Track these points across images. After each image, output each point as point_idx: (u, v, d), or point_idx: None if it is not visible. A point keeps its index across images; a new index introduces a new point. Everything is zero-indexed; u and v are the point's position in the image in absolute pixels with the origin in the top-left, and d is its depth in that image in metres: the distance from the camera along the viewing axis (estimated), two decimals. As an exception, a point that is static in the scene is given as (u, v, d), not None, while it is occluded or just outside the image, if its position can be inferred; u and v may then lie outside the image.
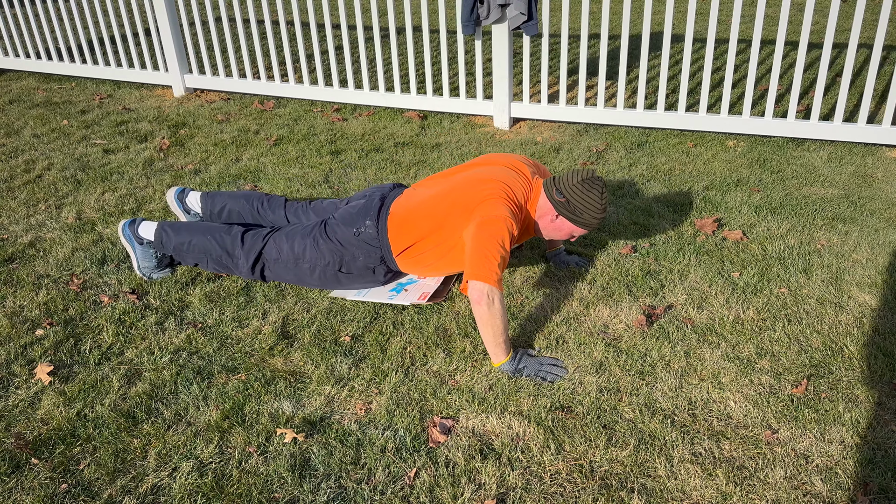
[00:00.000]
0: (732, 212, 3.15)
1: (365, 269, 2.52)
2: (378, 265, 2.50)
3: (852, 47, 3.58)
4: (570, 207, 2.31)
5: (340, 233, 2.50)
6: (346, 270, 2.52)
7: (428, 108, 4.49)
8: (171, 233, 2.66)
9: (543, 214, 2.38)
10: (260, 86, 4.80)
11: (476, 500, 1.77)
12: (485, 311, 2.12)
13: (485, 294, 2.11)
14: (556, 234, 2.42)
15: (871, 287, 2.57)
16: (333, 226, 2.52)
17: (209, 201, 2.88)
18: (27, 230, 3.12)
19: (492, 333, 2.15)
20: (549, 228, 2.40)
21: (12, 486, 1.83)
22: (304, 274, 2.55)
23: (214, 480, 1.83)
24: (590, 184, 2.30)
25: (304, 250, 2.52)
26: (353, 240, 2.48)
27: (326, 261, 2.51)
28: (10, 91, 5.17)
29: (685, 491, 1.78)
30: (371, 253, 2.48)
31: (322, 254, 2.51)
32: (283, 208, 2.79)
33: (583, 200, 2.30)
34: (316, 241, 2.52)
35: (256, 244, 2.58)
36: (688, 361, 2.23)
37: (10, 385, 2.19)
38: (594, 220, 2.34)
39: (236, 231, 2.62)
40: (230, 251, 2.60)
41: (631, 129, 4.17)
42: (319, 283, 2.57)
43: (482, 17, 3.91)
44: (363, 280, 2.55)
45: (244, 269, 2.59)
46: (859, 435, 1.93)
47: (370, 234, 2.47)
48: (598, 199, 2.30)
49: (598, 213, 2.32)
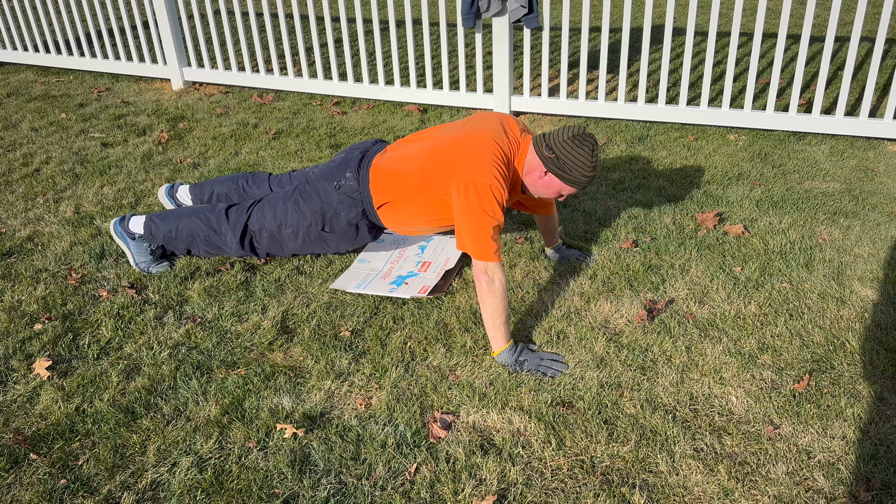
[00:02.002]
0: (734, 206, 3.14)
1: (348, 227, 2.48)
2: (360, 220, 2.47)
3: (854, 41, 3.56)
4: (560, 164, 2.21)
5: (321, 188, 2.46)
6: (329, 229, 2.48)
7: (428, 102, 4.47)
8: (158, 222, 2.65)
9: (532, 170, 2.28)
10: (259, 79, 4.78)
11: (477, 495, 1.76)
12: (484, 288, 2.12)
13: (483, 272, 2.12)
14: (543, 192, 2.32)
15: (872, 282, 2.56)
16: (313, 182, 2.48)
17: (198, 191, 2.89)
18: (25, 224, 3.11)
19: (490, 312, 2.14)
20: (536, 185, 2.30)
21: (11, 481, 1.82)
22: (289, 240, 2.53)
23: (214, 476, 1.83)
24: (580, 140, 2.20)
25: (286, 215, 2.51)
26: (333, 193, 2.44)
27: (308, 221, 2.48)
28: (7, 84, 5.14)
29: (687, 486, 1.78)
30: (352, 206, 2.44)
31: (304, 215, 2.48)
32: (268, 182, 2.80)
33: (573, 157, 2.20)
34: (297, 203, 2.49)
35: (241, 217, 2.57)
36: (689, 356, 2.22)
37: (8, 380, 2.18)
38: (584, 177, 2.23)
39: (220, 208, 2.61)
40: (216, 229, 2.59)
41: (632, 122, 4.15)
42: (304, 246, 2.54)
43: (482, 10, 3.88)
44: (348, 239, 2.52)
45: (233, 244, 2.58)
46: (861, 430, 1.93)
47: (351, 185, 2.43)
48: (588, 156, 2.20)
49: (588, 170, 2.22)
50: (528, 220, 3.05)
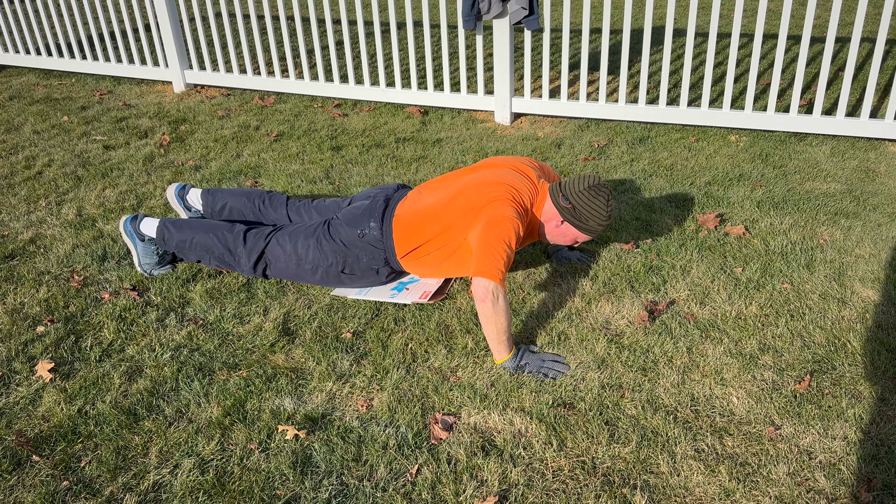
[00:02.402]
0: (735, 207, 3.14)
1: (368, 270, 2.51)
2: (381, 266, 2.50)
3: (855, 41, 3.56)
4: (576, 214, 2.31)
5: (344, 234, 2.48)
6: (349, 272, 2.51)
7: (429, 104, 4.47)
8: (173, 230, 2.65)
9: (549, 220, 2.38)
10: (260, 81, 4.79)
11: (478, 496, 1.76)
12: (489, 308, 2.11)
13: (489, 292, 2.11)
14: (560, 240, 2.42)
15: (874, 282, 2.56)
16: (337, 226, 2.51)
17: (210, 198, 2.87)
18: (28, 227, 3.11)
19: (495, 331, 2.14)
20: (553, 233, 2.40)
21: (13, 483, 1.83)
22: (307, 274, 2.54)
23: (216, 477, 1.83)
24: (596, 191, 2.30)
25: (307, 251, 2.52)
26: (356, 241, 2.47)
27: (329, 262, 2.50)
28: (10, 87, 5.16)
29: (688, 487, 1.78)
30: (375, 254, 2.47)
31: (325, 255, 2.50)
32: (286, 207, 2.79)
33: (588, 207, 2.30)
34: (319, 242, 2.51)
35: (259, 243, 2.57)
36: (690, 357, 2.22)
37: (11, 382, 2.18)
38: (599, 227, 2.34)
39: (239, 230, 2.61)
40: (232, 249, 2.59)
41: (633, 123, 4.16)
42: (322, 282, 2.57)
43: (483, 12, 3.89)
44: (366, 280, 2.54)
45: (246, 267, 2.59)
46: (863, 431, 1.93)
47: (374, 235, 2.46)
48: (604, 206, 2.30)
49: (603, 220, 2.32)
50: (529, 221, 3.05)
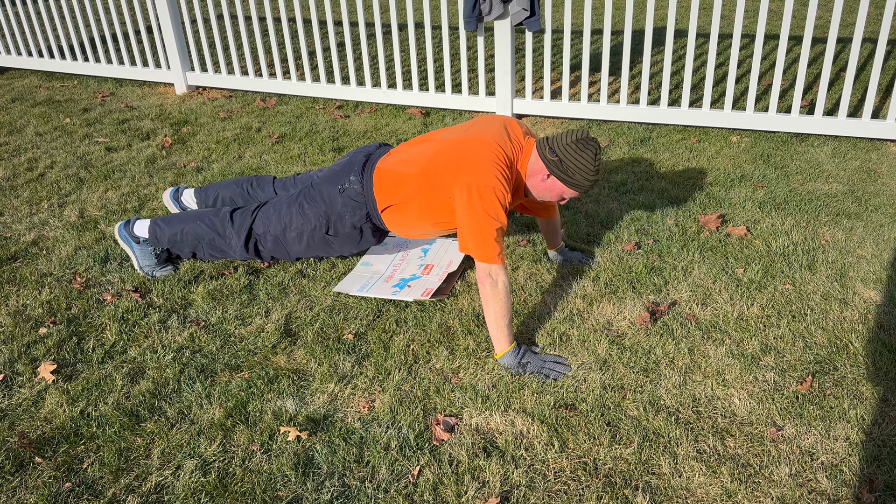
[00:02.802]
0: (736, 208, 3.14)
1: (352, 230, 2.49)
2: (364, 223, 2.48)
3: (856, 42, 3.56)
4: (563, 167, 2.24)
5: (325, 192, 2.47)
6: (333, 233, 2.50)
7: (430, 105, 4.48)
8: (163, 226, 2.66)
9: (534, 173, 2.30)
10: (262, 83, 4.80)
11: (480, 498, 1.77)
12: (488, 291, 2.13)
13: (487, 274, 2.12)
14: (546, 195, 2.34)
15: (875, 283, 2.56)
16: (318, 186, 2.50)
17: (203, 195, 2.90)
18: (30, 229, 3.12)
19: (493, 315, 2.14)
20: (539, 188, 2.32)
21: (16, 484, 1.83)
22: (293, 243, 2.54)
23: (218, 479, 1.83)
24: (584, 144, 2.22)
25: (290, 218, 2.52)
26: (337, 197, 2.45)
27: (313, 225, 2.49)
28: (12, 89, 5.17)
29: (689, 489, 1.78)
30: (356, 209, 2.45)
31: (308, 218, 2.49)
32: (272, 185, 2.80)
33: (576, 160, 2.22)
34: (301, 207, 2.50)
35: (245, 220, 2.58)
36: (692, 358, 2.22)
37: (13, 384, 2.19)
38: (586, 181, 2.25)
39: (225, 211, 2.62)
40: (221, 232, 2.60)
41: (634, 124, 4.16)
42: (308, 250, 2.55)
43: (484, 13, 3.89)
44: (352, 242, 2.53)
45: (237, 247, 2.59)
46: (865, 432, 1.92)
47: (355, 189, 2.44)
48: (591, 160, 2.22)
49: (590, 174, 2.24)
50: (530, 222, 3.05)
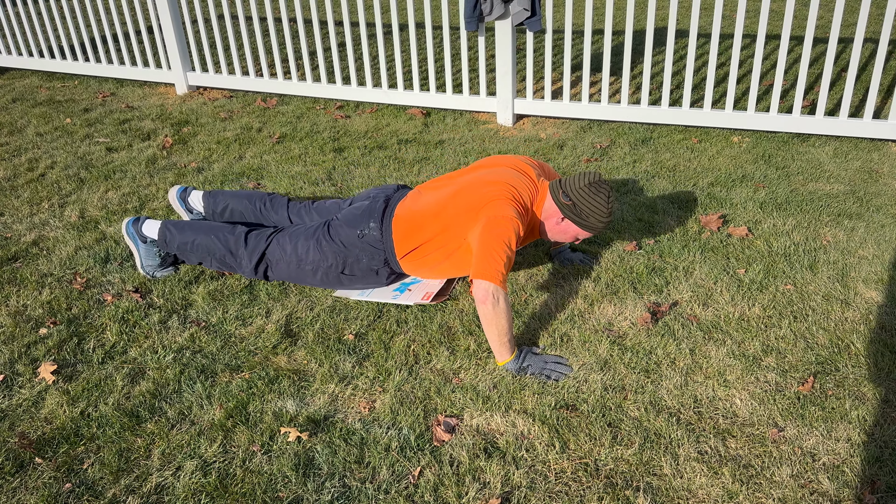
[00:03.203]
0: (737, 208, 3.14)
1: (368, 271, 2.51)
2: (381, 267, 2.49)
3: (858, 42, 3.55)
4: (576, 210, 2.31)
5: (344, 234, 2.49)
6: (349, 272, 2.51)
7: (431, 105, 4.47)
8: (174, 231, 2.65)
9: (549, 217, 2.38)
10: (262, 83, 4.79)
11: (480, 499, 1.76)
12: (489, 310, 2.11)
13: (490, 294, 2.10)
14: (561, 237, 2.42)
15: (877, 283, 2.56)
16: (337, 227, 2.51)
17: (211, 200, 2.88)
18: (30, 229, 3.12)
19: (496, 333, 2.14)
20: (554, 231, 2.40)
21: (16, 485, 1.83)
22: (307, 275, 2.54)
23: (218, 479, 1.83)
24: (596, 187, 2.30)
25: (307, 252, 2.52)
26: (356, 241, 2.47)
27: (329, 263, 2.50)
28: (13, 89, 5.17)
29: (691, 489, 1.77)
30: (375, 255, 2.47)
31: (325, 255, 2.50)
32: (286, 208, 2.79)
33: (589, 204, 2.30)
34: (319, 243, 2.51)
35: (260, 245, 2.58)
36: (693, 359, 2.22)
37: (13, 384, 2.19)
38: (600, 223, 2.33)
39: (240, 231, 2.61)
40: (233, 251, 2.59)
41: (635, 125, 4.15)
42: (322, 283, 2.57)
43: (485, 13, 3.89)
44: (366, 281, 2.54)
45: (247, 269, 2.59)
46: (866, 433, 1.92)
47: (374, 235, 2.46)
48: (604, 202, 2.30)
49: (603, 217, 2.32)
50: (531, 222, 3.05)
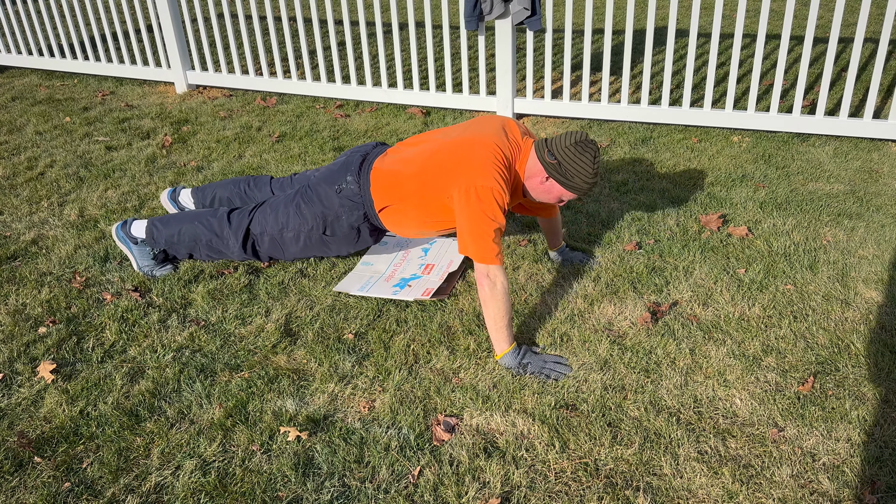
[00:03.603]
0: (737, 208, 3.13)
1: (350, 230, 2.48)
2: (362, 223, 2.47)
3: (858, 42, 3.55)
4: (561, 170, 2.22)
5: (322, 192, 2.46)
6: (330, 233, 2.49)
7: (431, 104, 4.47)
8: (160, 226, 2.66)
9: (533, 175, 2.29)
10: (262, 82, 4.79)
11: (480, 498, 1.76)
12: (487, 292, 2.12)
13: (485, 275, 2.11)
14: (544, 197, 2.33)
15: (877, 283, 2.56)
16: (314, 186, 2.49)
17: (200, 194, 2.89)
18: (30, 228, 3.12)
19: (492, 316, 2.13)
20: (537, 190, 2.32)
21: (15, 484, 1.82)
22: (290, 243, 2.53)
23: (218, 479, 1.83)
24: (583, 146, 2.20)
25: (287, 219, 2.51)
26: (334, 197, 2.44)
27: (310, 225, 2.48)
28: (12, 88, 5.16)
29: (691, 489, 1.77)
30: (353, 210, 2.45)
31: (305, 218, 2.49)
32: (269, 185, 2.80)
33: (574, 163, 2.21)
34: (298, 207, 2.50)
35: (243, 221, 2.57)
36: (693, 359, 2.22)
37: (12, 383, 2.18)
38: (585, 184, 2.24)
39: (222, 212, 2.62)
40: (219, 233, 2.59)
41: (635, 124, 4.15)
42: (305, 250, 2.55)
43: (485, 13, 3.89)
44: (350, 243, 2.52)
45: (235, 248, 2.58)
46: (866, 433, 1.92)
47: (352, 189, 2.43)
48: (590, 162, 2.21)
49: (589, 177, 2.23)
50: (531, 222, 3.05)
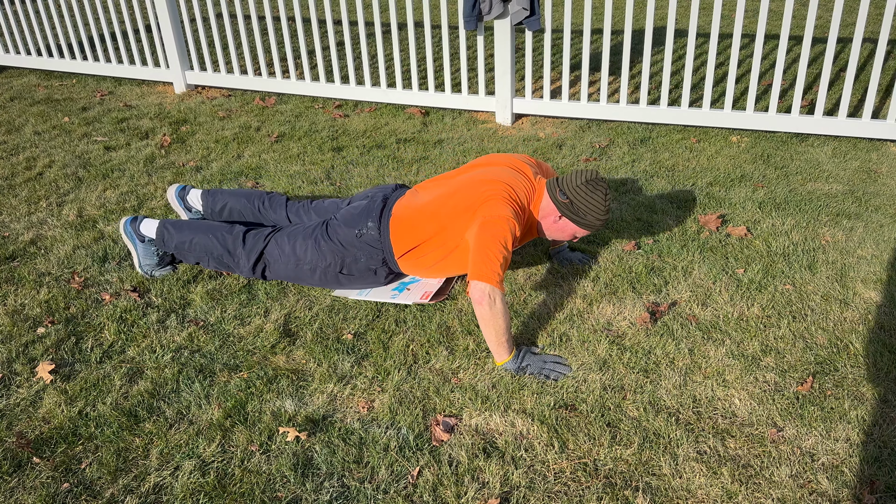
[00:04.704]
0: (736, 208, 3.13)
1: (366, 271, 2.50)
2: (380, 266, 2.49)
3: (857, 42, 3.55)
4: (574, 209, 2.31)
5: (342, 234, 2.48)
6: (347, 272, 2.51)
7: (430, 105, 4.47)
8: (172, 231, 2.65)
9: (546, 215, 2.38)
10: (261, 82, 4.79)
11: (479, 499, 1.76)
12: (486, 311, 2.11)
13: (486, 294, 2.10)
14: (558, 235, 2.42)
15: (876, 283, 2.56)
16: (335, 226, 2.51)
17: (210, 199, 2.87)
18: (28, 228, 3.11)
19: (494, 333, 2.14)
20: (551, 229, 2.40)
21: (14, 485, 1.82)
22: (305, 274, 2.54)
23: (217, 479, 1.83)
24: (593, 185, 2.30)
25: (305, 251, 2.51)
26: (354, 241, 2.47)
27: (328, 262, 2.50)
28: (10, 88, 5.16)
29: (690, 489, 1.77)
30: (373, 255, 2.47)
31: (323, 255, 2.50)
32: (285, 208, 2.79)
33: (586, 202, 2.30)
34: (317, 242, 2.50)
35: (258, 244, 2.57)
36: (692, 359, 2.22)
37: (11, 384, 2.18)
38: (597, 221, 2.33)
39: (238, 231, 2.61)
40: (231, 250, 2.59)
41: (634, 124, 4.15)
42: (320, 283, 2.56)
43: (484, 13, 3.89)
44: (364, 281, 2.54)
45: (245, 268, 2.59)
46: (865, 433, 1.92)
47: (372, 235, 2.45)
48: (601, 200, 2.30)
49: (601, 214, 2.32)
50: (530, 222, 3.05)
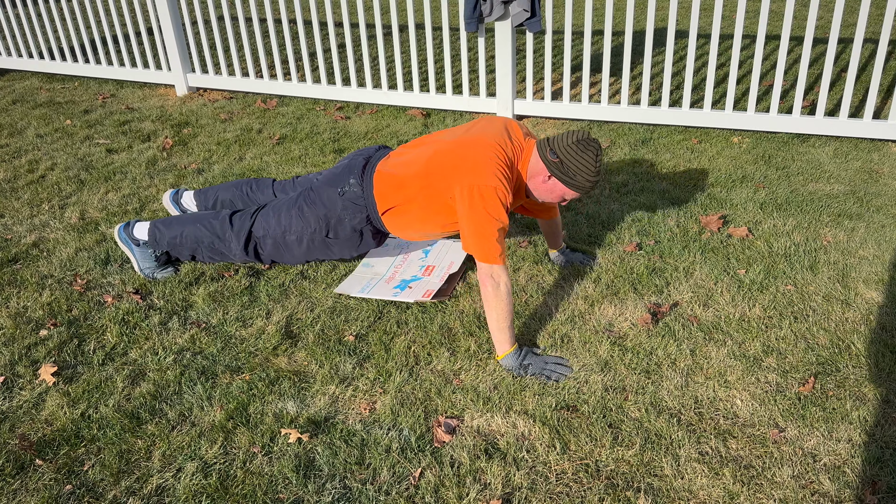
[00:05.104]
0: (738, 208, 3.13)
1: (352, 233, 2.49)
2: (364, 226, 2.48)
3: (858, 42, 3.55)
4: (564, 168, 2.23)
5: (325, 194, 2.47)
6: (333, 236, 2.49)
7: (431, 106, 4.47)
8: (163, 228, 2.66)
9: (535, 174, 2.30)
10: (262, 84, 4.80)
11: (481, 500, 1.76)
12: (490, 292, 2.12)
13: (489, 275, 2.12)
14: (547, 196, 2.34)
15: (877, 284, 2.56)
16: (318, 189, 2.49)
17: (202, 197, 2.90)
18: (31, 230, 3.12)
19: (495, 316, 2.14)
20: (540, 189, 2.32)
21: (17, 487, 1.83)
22: (293, 246, 2.53)
23: (219, 481, 1.83)
24: (584, 144, 2.21)
25: (290, 221, 2.51)
26: (337, 200, 2.45)
27: (313, 228, 2.49)
28: (13, 91, 5.17)
29: (692, 490, 1.77)
30: (356, 212, 2.45)
31: (308, 221, 2.49)
32: (272, 188, 2.80)
33: (577, 162, 2.21)
34: (301, 210, 2.50)
35: (245, 223, 2.58)
36: (694, 360, 2.22)
37: (14, 386, 2.19)
38: (587, 182, 2.25)
39: (224, 214, 2.62)
40: (220, 235, 2.60)
41: (635, 125, 4.15)
42: (308, 253, 2.55)
43: (485, 14, 3.89)
44: (352, 245, 2.53)
45: (237, 250, 2.59)
46: (867, 433, 1.92)
47: (355, 192, 2.43)
48: (592, 161, 2.22)
49: (591, 175, 2.23)
50: (531, 223, 3.05)
